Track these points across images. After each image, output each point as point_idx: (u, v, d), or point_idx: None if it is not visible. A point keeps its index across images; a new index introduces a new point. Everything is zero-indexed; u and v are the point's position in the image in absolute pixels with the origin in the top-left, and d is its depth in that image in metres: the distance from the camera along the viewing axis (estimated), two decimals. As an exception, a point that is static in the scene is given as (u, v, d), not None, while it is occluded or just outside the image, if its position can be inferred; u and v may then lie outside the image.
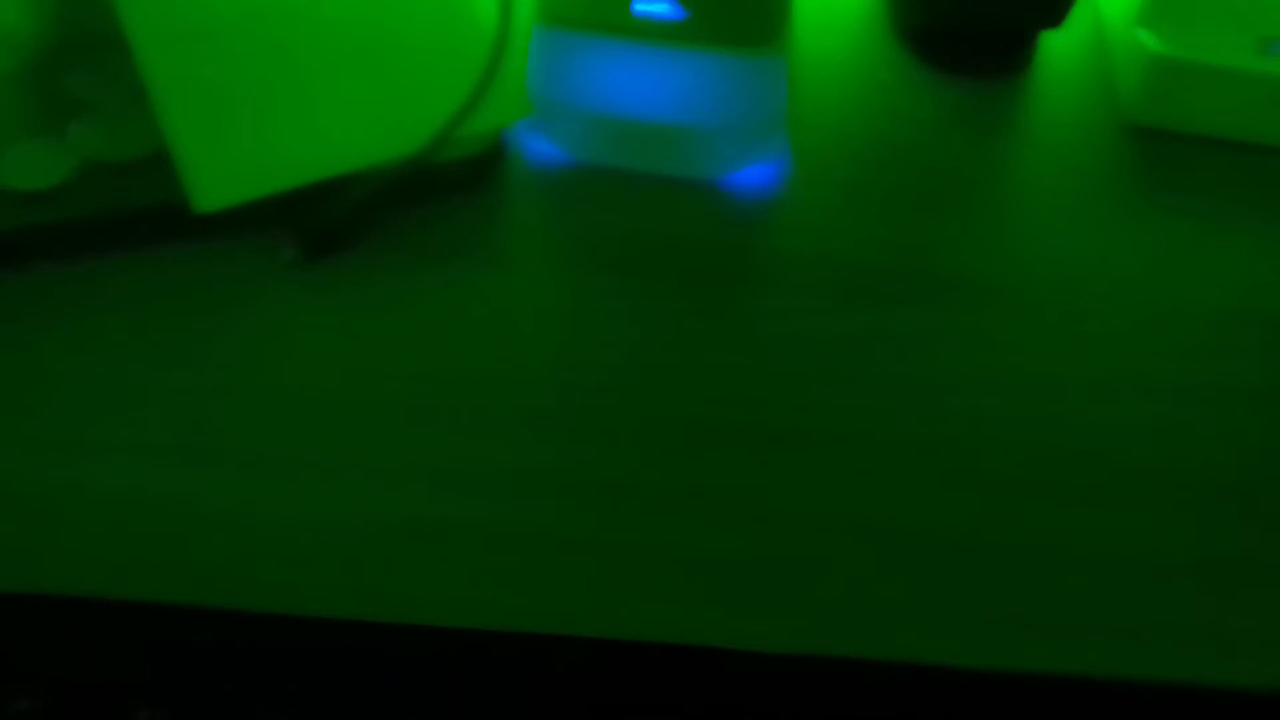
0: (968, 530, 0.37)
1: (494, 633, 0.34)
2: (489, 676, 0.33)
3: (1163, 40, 0.47)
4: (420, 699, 0.32)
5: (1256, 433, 0.40)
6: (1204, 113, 0.48)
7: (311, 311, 0.41)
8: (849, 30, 0.52)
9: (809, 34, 0.51)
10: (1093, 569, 0.37)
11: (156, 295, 0.41)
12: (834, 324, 0.42)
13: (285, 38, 0.42)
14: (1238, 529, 0.38)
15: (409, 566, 0.36)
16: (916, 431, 0.39)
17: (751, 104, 0.43)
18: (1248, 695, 0.35)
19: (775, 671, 0.35)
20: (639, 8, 0.41)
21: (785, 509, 0.37)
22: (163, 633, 0.33)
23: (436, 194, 0.43)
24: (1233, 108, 0.47)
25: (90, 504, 0.36)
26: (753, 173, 0.45)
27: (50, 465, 0.37)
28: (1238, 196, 0.47)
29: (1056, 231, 0.46)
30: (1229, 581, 0.37)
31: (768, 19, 0.42)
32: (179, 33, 0.41)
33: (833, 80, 0.50)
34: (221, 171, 0.39)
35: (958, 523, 0.37)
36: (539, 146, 0.45)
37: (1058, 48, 0.51)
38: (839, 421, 0.39)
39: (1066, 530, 0.37)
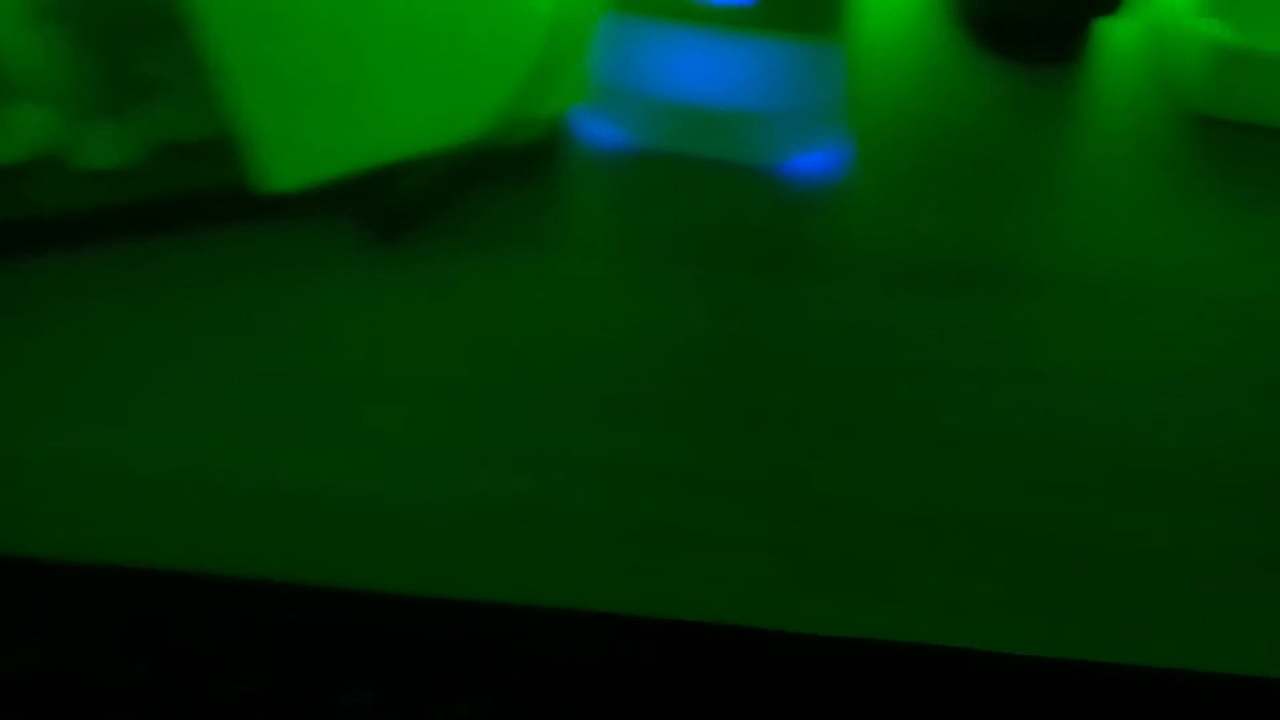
0: (1025, 523, 0.38)
1: (535, 609, 0.35)
2: (529, 653, 0.34)
3: (1224, 29, 0.47)
4: (462, 675, 0.33)
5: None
6: (1265, 102, 0.47)
7: (375, 292, 0.41)
8: (909, 16, 0.52)
9: (870, 20, 0.51)
10: (1155, 565, 0.37)
11: (224, 273, 0.41)
12: (892, 313, 0.42)
13: (354, 23, 0.43)
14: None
15: (459, 542, 0.36)
16: (971, 424, 0.40)
17: (812, 90, 0.43)
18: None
19: (826, 653, 0.36)
20: (705, -5, 0.41)
21: (839, 497, 0.38)
22: (210, 605, 0.34)
23: (499, 178, 0.44)
24: (1295, 98, 0.47)
25: (152, 477, 0.37)
26: (812, 158, 0.46)
27: (116, 440, 0.38)
28: (1299, 187, 0.47)
29: (1114, 221, 0.46)
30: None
31: (829, 6, 0.42)
32: (251, 16, 0.42)
33: (892, 66, 0.50)
34: (292, 153, 0.40)
35: (1014, 516, 0.38)
36: (601, 131, 0.46)
37: (1115, 35, 0.51)
38: (894, 411, 0.40)
39: (1129, 527, 0.38)
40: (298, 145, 0.40)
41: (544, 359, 0.40)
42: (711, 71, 0.43)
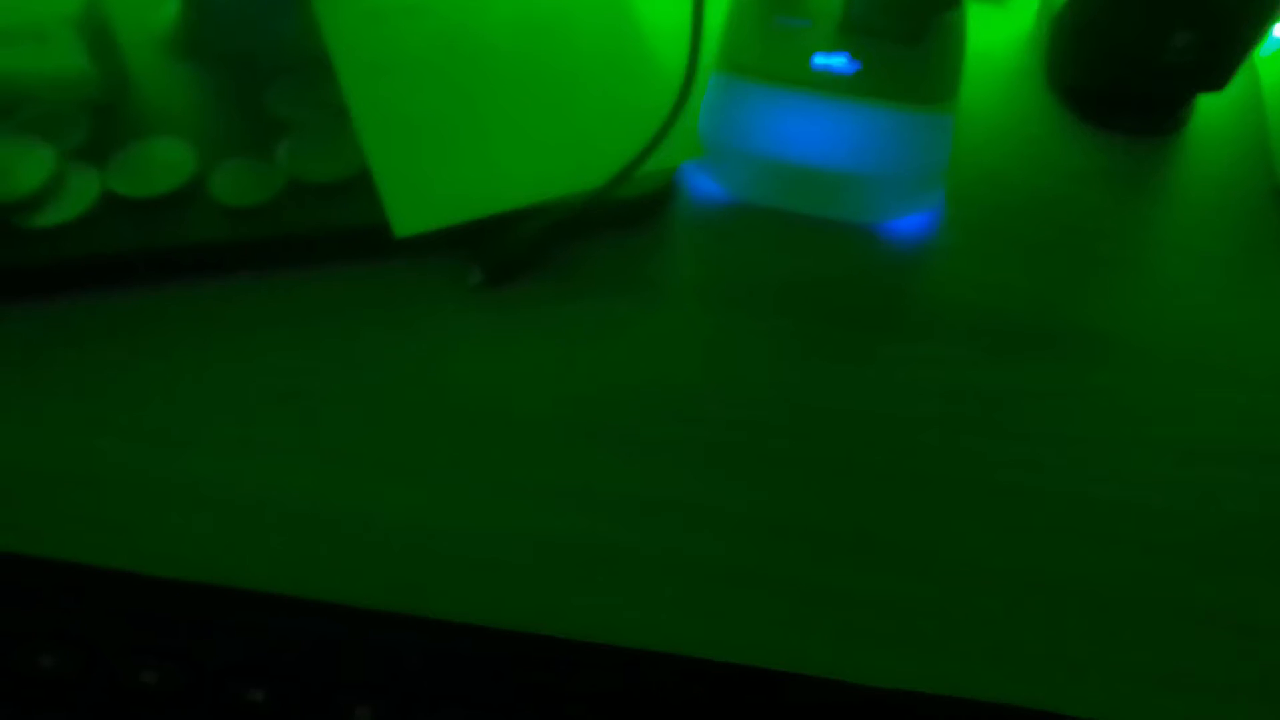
0: (1094, 586, 0.39)
1: (597, 646, 0.37)
2: (589, 694, 0.35)
3: (1325, 112, 0.47)
4: (521, 707, 0.34)
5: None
6: (1360, 184, 0.48)
7: (482, 333, 0.43)
8: (1006, 82, 0.53)
9: (967, 84, 0.52)
10: (1223, 632, 0.38)
11: (344, 308, 0.43)
12: (977, 375, 0.43)
13: (478, 79, 0.45)
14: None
15: (532, 579, 0.38)
16: (1050, 487, 0.41)
17: (919, 157, 0.44)
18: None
19: (902, 706, 0.37)
20: (819, 61, 0.42)
21: (913, 552, 0.39)
22: (267, 622, 0.36)
23: (609, 228, 0.45)
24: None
25: (255, 503, 0.39)
26: (911, 220, 0.47)
27: (225, 464, 0.39)
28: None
29: (1201, 295, 0.46)
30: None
31: (941, 77, 0.43)
32: (381, 67, 0.44)
33: (988, 131, 0.51)
34: (418, 200, 0.42)
35: (1083, 579, 0.39)
36: (705, 186, 0.47)
37: (1214, 110, 0.52)
38: (972, 472, 0.41)
39: (1195, 594, 0.39)
40: (422, 193, 0.42)
41: (630, 403, 0.42)
42: (821, 135, 0.44)
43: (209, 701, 0.32)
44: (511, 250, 0.43)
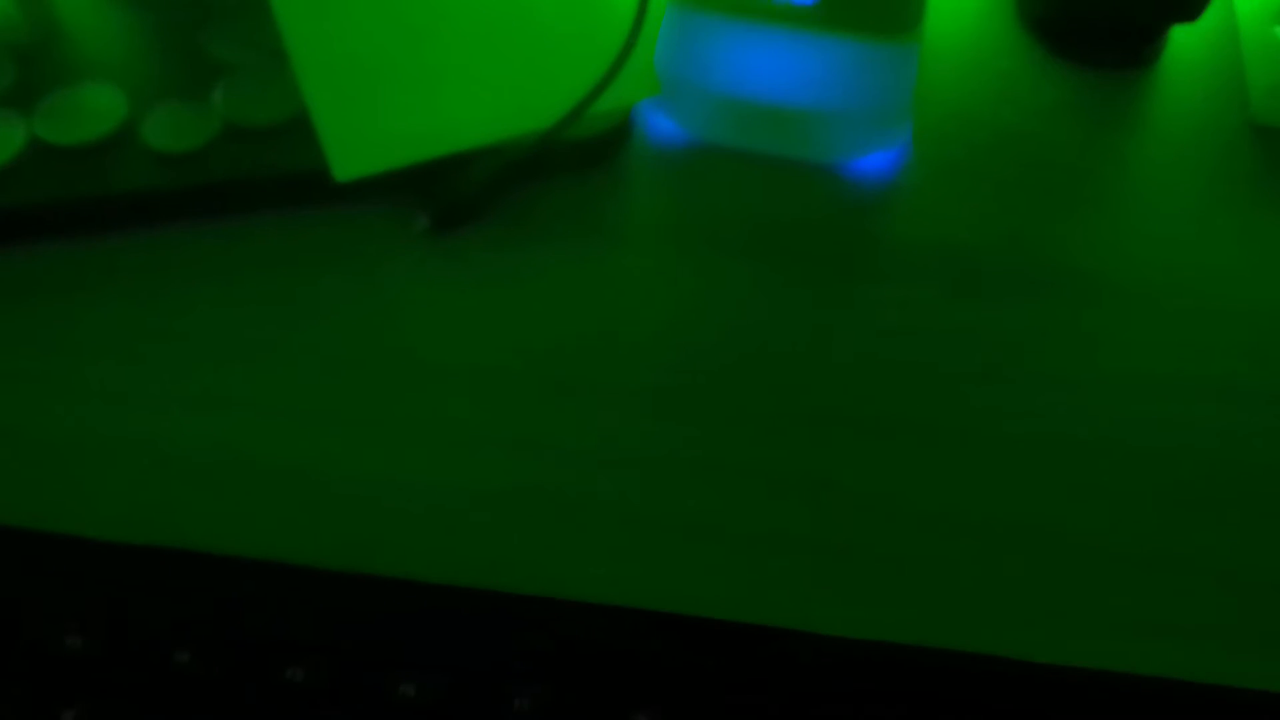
0: (1071, 530, 0.38)
1: (567, 602, 0.35)
2: (565, 643, 0.34)
3: (1301, 40, 0.46)
4: (486, 664, 0.33)
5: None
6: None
7: (434, 280, 0.42)
8: (973, 15, 0.51)
9: (933, 18, 0.51)
10: (1201, 574, 0.37)
11: (286, 257, 0.42)
12: (948, 315, 0.42)
13: (422, 13, 0.43)
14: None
15: (497, 532, 0.37)
16: (1023, 428, 0.40)
17: (883, 91, 0.43)
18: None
19: (871, 657, 0.36)
20: (777, -9, 0.41)
21: (884, 499, 0.38)
22: (240, 588, 0.34)
23: (563, 170, 0.43)
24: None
25: (205, 461, 0.37)
26: (876, 158, 0.45)
27: (171, 420, 0.38)
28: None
29: (1175, 230, 0.45)
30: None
31: (905, 7, 0.41)
32: (320, 2, 0.42)
33: (956, 66, 0.49)
34: (360, 142, 0.40)
35: (1061, 522, 0.38)
36: (661, 125, 0.45)
37: (1188, 42, 0.51)
38: (945, 414, 0.40)
39: (1177, 535, 0.38)
40: (367, 133, 0.40)
41: (591, 350, 0.40)
42: (781, 70, 0.42)
43: (133, 664, 0.31)
44: (460, 194, 0.42)
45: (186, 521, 0.36)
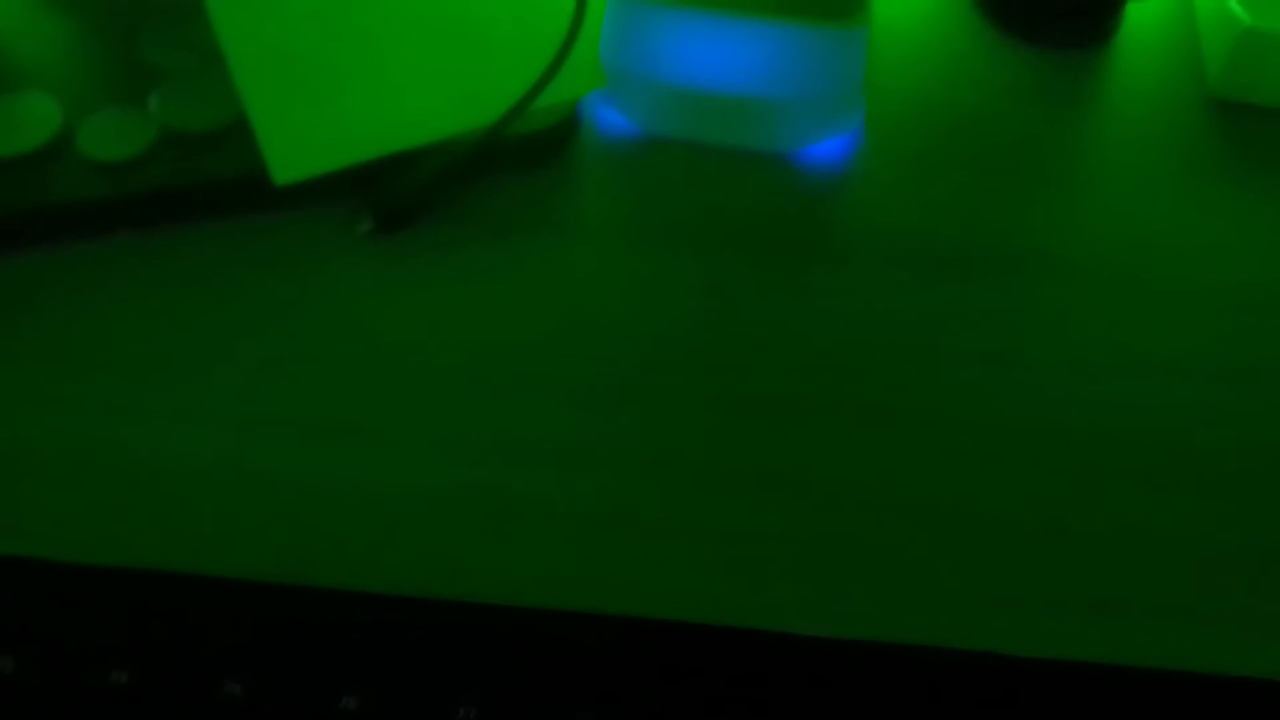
0: (1036, 511, 0.37)
1: (530, 609, 0.35)
2: (522, 651, 0.33)
3: (1255, 13, 0.45)
4: (449, 672, 0.33)
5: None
6: (1293, 87, 0.46)
7: (382, 283, 0.41)
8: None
9: (885, 2, 0.50)
10: (1167, 554, 0.36)
11: (229, 265, 0.41)
12: (907, 300, 0.42)
13: (360, 11, 0.42)
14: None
15: (456, 537, 0.36)
16: (986, 410, 0.39)
17: (832, 77, 0.42)
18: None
19: (838, 652, 0.35)
20: (719, -22, 0.40)
21: (851, 487, 0.37)
22: (202, 602, 0.34)
23: (509, 166, 0.43)
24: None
25: (153, 472, 0.37)
26: (828, 145, 0.45)
27: (119, 432, 0.37)
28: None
29: (1135, 207, 0.45)
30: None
31: (851, -10, 0.41)
32: (256, 3, 0.41)
33: (909, 50, 0.49)
34: (299, 143, 0.39)
35: (1025, 503, 0.37)
36: (610, 118, 0.45)
37: (1143, 18, 0.50)
38: (909, 399, 0.39)
39: (1142, 515, 0.37)
40: (306, 135, 0.40)
41: (548, 347, 0.40)
42: (727, 58, 0.42)
43: (72, 684, 0.30)
44: (403, 194, 0.41)
45: (127, 534, 0.35)
